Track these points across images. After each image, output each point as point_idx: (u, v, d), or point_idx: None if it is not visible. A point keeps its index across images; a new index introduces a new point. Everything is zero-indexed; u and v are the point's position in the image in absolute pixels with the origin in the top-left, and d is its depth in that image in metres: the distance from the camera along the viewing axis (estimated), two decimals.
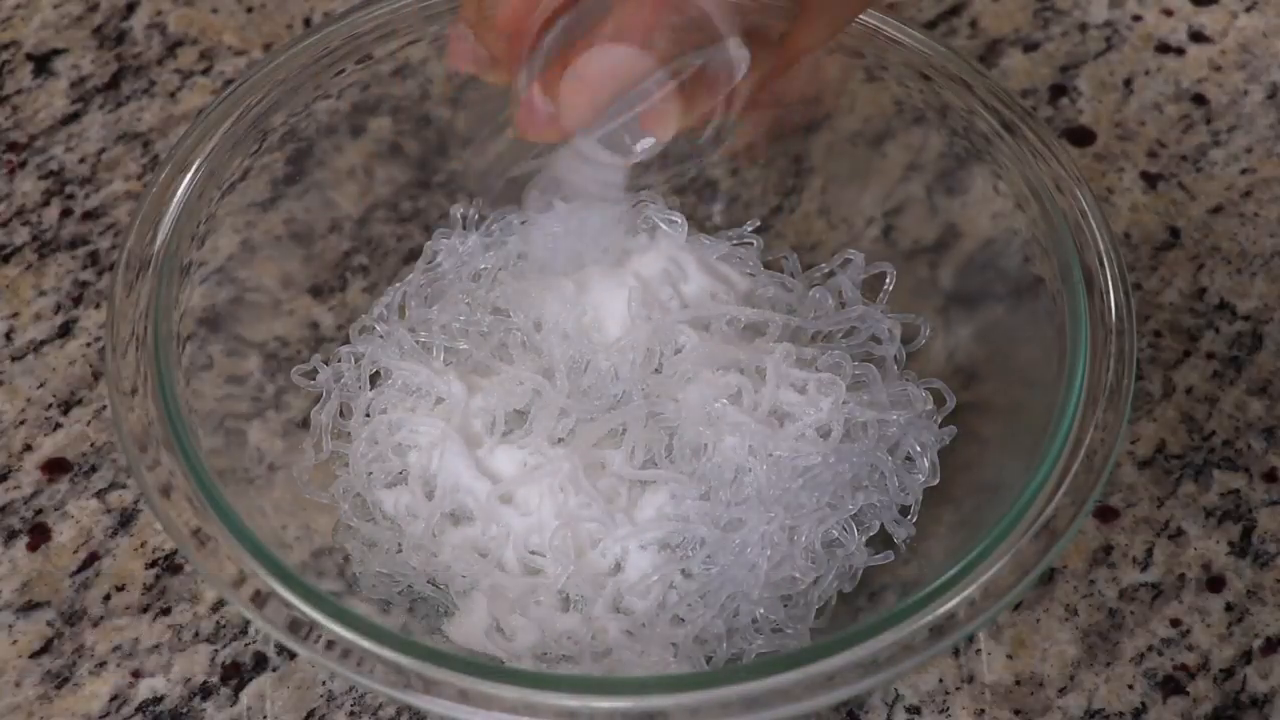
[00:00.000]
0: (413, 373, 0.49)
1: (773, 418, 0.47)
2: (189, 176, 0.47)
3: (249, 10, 0.64)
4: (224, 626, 0.49)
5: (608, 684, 0.40)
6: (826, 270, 0.53)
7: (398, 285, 0.52)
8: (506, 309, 0.51)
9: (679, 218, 0.52)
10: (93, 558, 0.50)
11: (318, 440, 0.49)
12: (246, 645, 0.48)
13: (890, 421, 0.48)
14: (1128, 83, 0.62)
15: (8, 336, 0.55)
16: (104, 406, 0.53)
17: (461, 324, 0.51)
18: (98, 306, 0.55)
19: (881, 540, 0.47)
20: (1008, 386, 0.49)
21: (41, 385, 0.54)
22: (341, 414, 0.50)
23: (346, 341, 0.51)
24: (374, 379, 0.51)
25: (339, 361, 0.51)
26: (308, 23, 0.64)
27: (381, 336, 0.51)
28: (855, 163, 0.54)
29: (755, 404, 0.47)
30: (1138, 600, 0.49)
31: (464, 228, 0.53)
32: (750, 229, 0.54)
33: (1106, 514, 0.51)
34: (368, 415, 0.49)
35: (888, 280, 0.52)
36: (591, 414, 0.48)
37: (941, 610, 0.39)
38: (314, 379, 0.50)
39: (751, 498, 0.46)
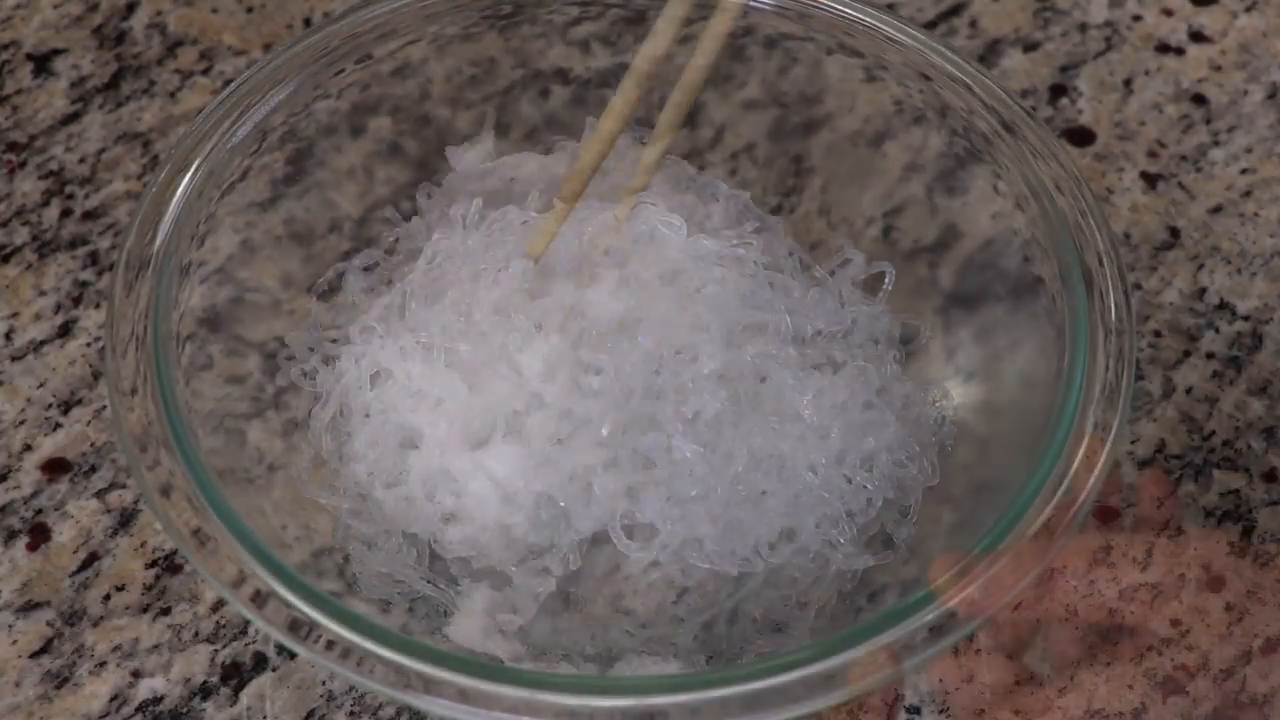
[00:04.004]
0: (413, 373, 0.49)
1: (773, 417, 0.47)
2: (189, 176, 0.47)
3: (249, 10, 0.64)
4: (224, 626, 0.49)
5: (608, 684, 0.40)
6: (826, 270, 0.53)
7: (398, 285, 0.52)
8: (507, 310, 0.51)
9: (678, 220, 0.52)
10: (93, 558, 0.50)
11: (318, 440, 0.49)
12: (246, 645, 0.48)
13: (890, 421, 0.48)
14: (1128, 83, 0.62)
15: (8, 336, 0.55)
16: (104, 406, 0.53)
17: (462, 325, 0.51)
18: (98, 306, 0.55)
19: (881, 540, 0.47)
20: (1008, 386, 0.49)
21: (41, 385, 0.54)
22: (341, 414, 0.50)
23: (347, 341, 0.51)
24: (374, 379, 0.51)
25: (339, 361, 0.51)
26: (308, 23, 0.64)
27: (381, 336, 0.51)
28: (855, 163, 0.54)
29: (755, 404, 0.47)
30: (1138, 600, 0.49)
31: (464, 227, 0.53)
32: (750, 229, 0.54)
33: (1106, 514, 0.51)
34: (368, 415, 0.49)
35: (887, 280, 0.52)
36: (591, 414, 0.48)
37: (941, 610, 0.39)
38: (314, 379, 0.50)
39: (751, 497, 0.46)
